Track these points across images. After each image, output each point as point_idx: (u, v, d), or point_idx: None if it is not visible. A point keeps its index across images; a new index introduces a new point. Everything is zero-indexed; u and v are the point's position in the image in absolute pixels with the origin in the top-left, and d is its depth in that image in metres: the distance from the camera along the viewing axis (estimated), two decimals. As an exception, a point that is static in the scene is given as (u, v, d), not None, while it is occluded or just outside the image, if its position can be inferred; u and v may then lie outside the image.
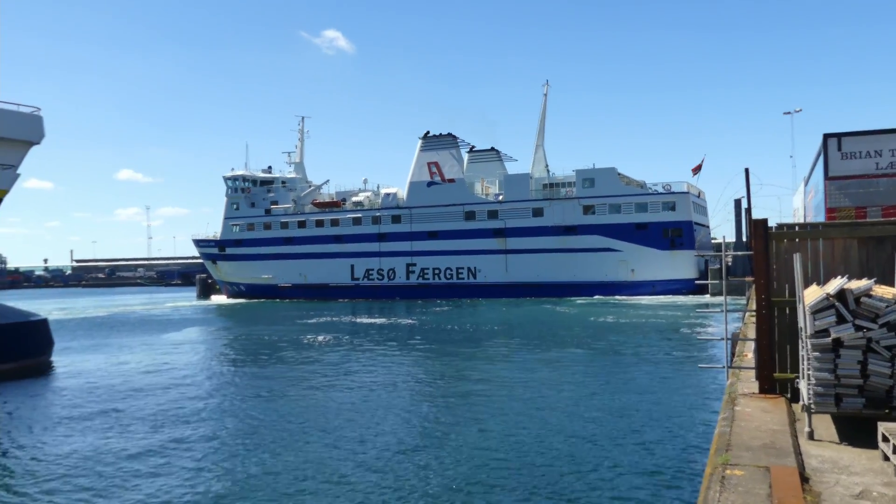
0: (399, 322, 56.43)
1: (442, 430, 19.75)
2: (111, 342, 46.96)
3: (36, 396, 27.80)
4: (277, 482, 15.34)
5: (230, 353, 40.85)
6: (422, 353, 36.96)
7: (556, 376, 28.23)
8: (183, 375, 31.25)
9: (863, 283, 8.86)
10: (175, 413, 23.11)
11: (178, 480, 15.70)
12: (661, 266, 76.69)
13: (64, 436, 20.45)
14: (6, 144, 34.56)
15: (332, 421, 21.12)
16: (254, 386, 28.27)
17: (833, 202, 25.16)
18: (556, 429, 19.14)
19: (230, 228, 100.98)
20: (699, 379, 26.07)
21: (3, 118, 34.35)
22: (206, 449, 18.38)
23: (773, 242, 11.33)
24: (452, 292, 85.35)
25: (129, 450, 18.48)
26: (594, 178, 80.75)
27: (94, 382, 30.04)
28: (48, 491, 15.33)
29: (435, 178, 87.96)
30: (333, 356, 36.28)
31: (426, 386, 27.50)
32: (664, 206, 77.76)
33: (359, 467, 16.19)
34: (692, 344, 37.36)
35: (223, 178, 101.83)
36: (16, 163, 35.29)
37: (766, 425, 8.89)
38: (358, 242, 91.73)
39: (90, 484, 15.67)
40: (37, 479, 16.18)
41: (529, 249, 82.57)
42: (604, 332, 44.41)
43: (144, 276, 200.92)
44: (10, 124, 34.51)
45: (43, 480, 16.09)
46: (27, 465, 17.42)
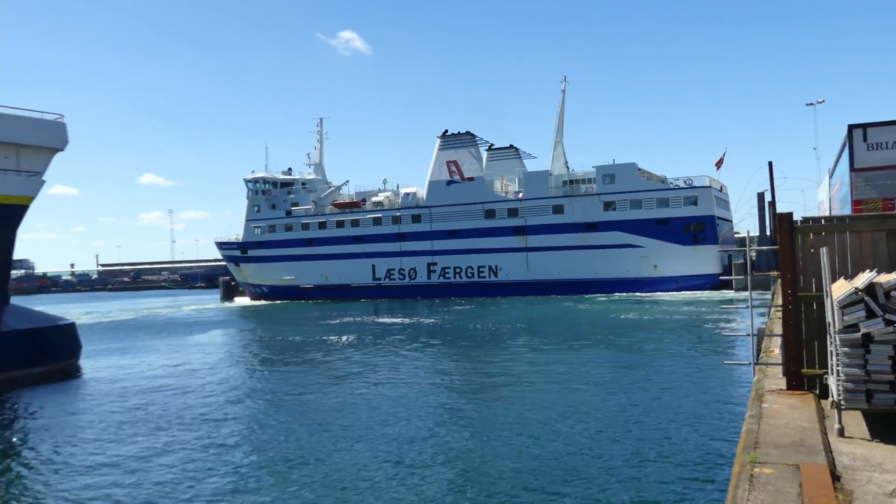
0: (422, 322, 56.48)
1: (469, 429, 19.74)
2: (138, 345, 47.44)
3: (65, 399, 28.15)
4: (310, 482, 15.41)
5: (256, 354, 41.12)
6: (446, 353, 36.96)
7: (581, 374, 28.12)
8: (210, 377, 31.50)
9: (892, 276, 8.71)
10: (204, 415, 23.29)
11: (208, 481, 15.82)
12: (683, 261, 76.03)
13: (94, 438, 20.68)
14: (31, 152, 35.05)
15: (360, 421, 21.18)
16: (281, 388, 28.43)
17: (860, 194, 24.79)
18: (581, 427, 19.06)
19: (252, 230, 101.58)
20: (725, 375, 25.84)
21: (28, 126, 34.84)
22: (236, 450, 18.50)
23: (798, 236, 11.18)
24: (473, 291, 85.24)
25: (159, 452, 18.65)
26: (614, 174, 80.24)
27: (121, 385, 30.36)
28: (78, 493, 15.51)
29: (454, 177, 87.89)
30: (358, 357, 36.39)
31: (452, 385, 27.49)
32: (686, 200, 77.10)
33: (388, 466, 16.22)
34: (717, 340, 37.04)
35: (244, 180, 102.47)
36: (41, 170, 35.76)
37: (794, 422, 8.77)
38: (378, 242, 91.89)
39: (120, 486, 15.83)
40: (67, 482, 16.38)
41: (550, 247, 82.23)
42: (627, 329, 44.16)
43: (168, 279, 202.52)
44: (34, 132, 35.01)
45: (73, 483, 16.28)
46: (58, 469, 17.64)
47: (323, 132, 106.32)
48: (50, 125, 35.65)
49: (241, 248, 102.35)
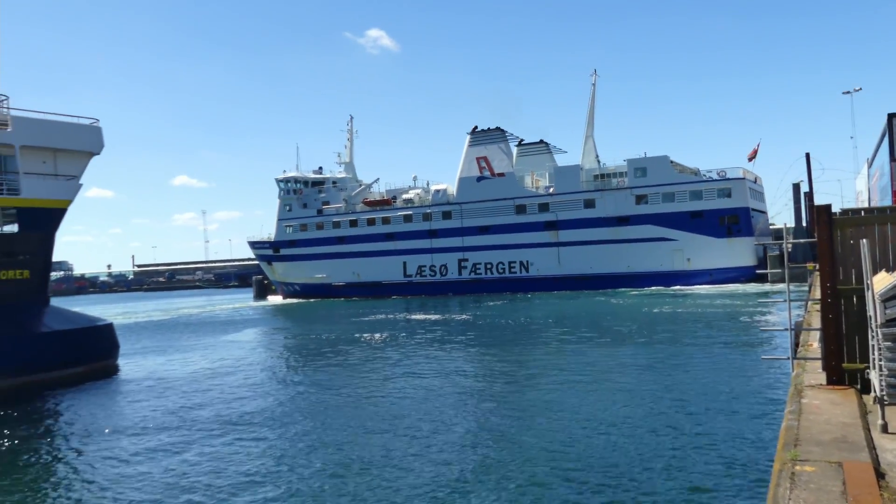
0: (453, 318, 56.52)
1: (505, 425, 19.72)
2: (174, 344, 48.11)
3: (104, 399, 28.65)
4: (353, 479, 15.52)
5: (291, 352, 41.48)
6: (479, 349, 36.95)
7: (615, 369, 27.94)
8: (246, 376, 31.83)
9: (935, 269, 8.53)
10: (241, 414, 23.54)
11: (247, 481, 16.00)
12: (717, 254, 75.18)
13: (132, 437, 21.02)
14: (68, 156, 35.70)
15: (399, 419, 21.26)
16: (318, 384, 28.65)
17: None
18: (617, 422, 18.94)
19: (284, 230, 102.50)
20: (762, 370, 25.50)
21: (65, 131, 35.49)
22: (274, 449, 18.68)
23: (837, 229, 10.98)
24: (505, 286, 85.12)
25: (200, 451, 18.91)
26: (646, 167, 79.56)
27: (159, 384, 30.81)
28: (116, 492, 15.78)
29: (484, 173, 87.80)
30: (392, 353, 36.54)
31: (486, 382, 27.48)
32: (719, 192, 76.19)
33: (429, 462, 16.27)
34: (753, 334, 36.56)
35: (276, 180, 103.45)
36: (78, 173, 36.40)
37: (835, 418, 8.62)
38: (409, 239, 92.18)
39: (157, 484, 16.08)
40: (107, 483, 16.67)
41: (582, 241, 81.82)
42: (661, 323, 43.78)
43: (202, 279, 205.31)
44: (71, 137, 35.66)
45: (114, 484, 16.57)
46: (96, 467, 17.95)
47: (353, 131, 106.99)
48: (86, 129, 36.26)
49: (273, 248, 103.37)
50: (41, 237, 35.24)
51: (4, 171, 33.68)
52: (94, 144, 36.61)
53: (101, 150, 36.94)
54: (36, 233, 34.69)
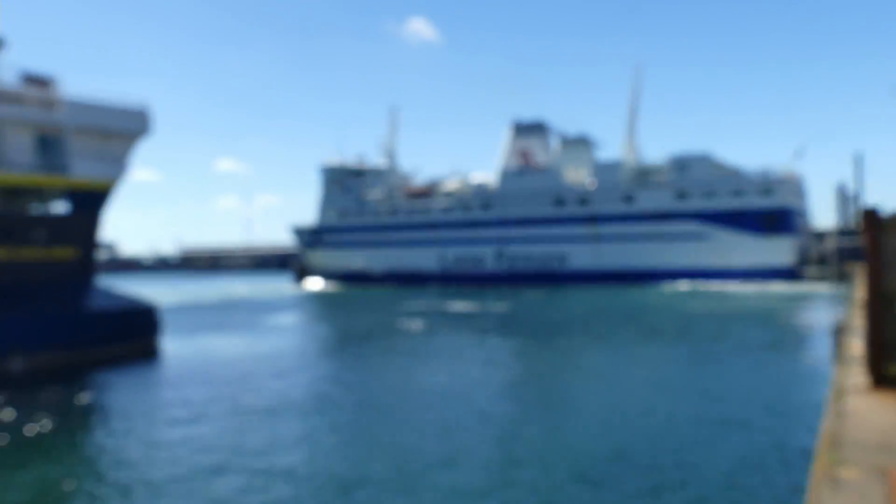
0: (490, 310, 56.56)
1: (530, 421, 19.78)
2: (215, 326, 48.87)
3: (145, 380, 29.33)
4: (393, 463, 15.72)
5: (328, 339, 41.96)
6: (513, 342, 36.99)
7: (652, 365, 27.78)
8: (287, 362, 32.27)
9: None
10: (282, 397, 23.90)
11: (283, 468, 16.28)
12: (756, 253, 74.09)
13: (171, 419, 21.49)
14: (117, 139, 36.46)
15: (438, 408, 21.44)
16: (353, 373, 29.00)
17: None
18: (656, 421, 18.87)
19: (325, 217, 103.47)
20: (802, 371, 25.15)
21: (114, 114, 36.22)
22: (313, 436, 18.96)
23: (884, 231, 10.81)
24: (541, 279, 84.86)
25: (236, 433, 19.28)
26: (687, 164, 78.63)
27: (200, 367, 31.42)
28: (154, 472, 16.16)
29: (525, 166, 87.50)
30: (427, 344, 36.74)
31: (517, 377, 27.55)
32: (761, 191, 74.98)
33: (466, 452, 16.40)
34: (793, 333, 36.02)
35: (320, 168, 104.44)
36: (126, 156, 37.15)
37: (878, 423, 8.51)
38: (448, 230, 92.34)
39: (195, 465, 16.43)
40: (143, 462, 17.08)
41: (620, 236, 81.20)
42: (698, 320, 43.34)
43: (244, 263, 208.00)
44: (119, 120, 36.39)
45: (149, 463, 16.98)
46: (136, 447, 18.41)
47: (396, 121, 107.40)
48: (135, 113, 36.98)
49: (314, 234, 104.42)
50: (89, 217, 36.06)
51: (56, 152, 34.52)
52: (143, 127, 37.32)
53: (149, 133, 37.63)
54: (84, 213, 35.52)
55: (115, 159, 36.61)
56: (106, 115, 35.96)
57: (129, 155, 37.50)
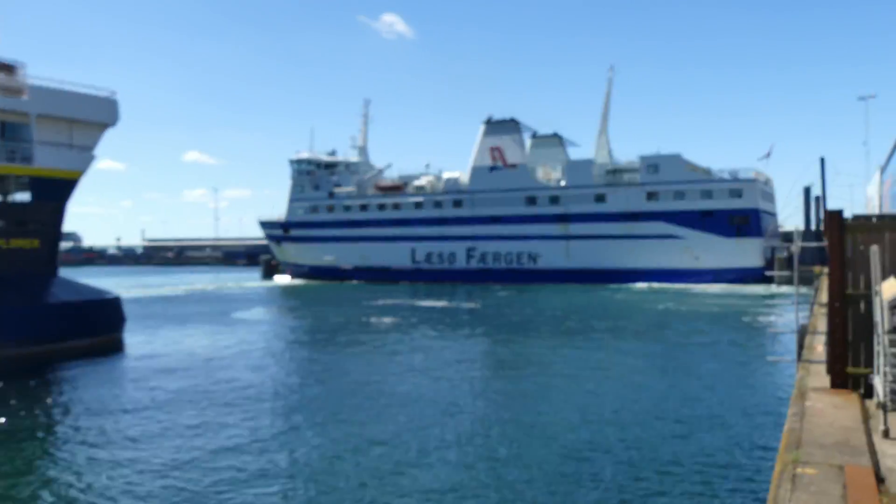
0: (460, 306, 56.62)
1: (502, 417, 19.81)
2: (180, 320, 48.35)
3: (107, 374, 28.88)
4: (343, 466, 15.64)
5: (296, 333, 41.66)
6: (484, 339, 37.03)
7: (618, 366, 27.98)
8: (252, 356, 32.01)
9: (946, 278, 8.52)
10: (245, 393, 23.71)
11: (240, 459, 16.15)
12: (725, 254, 75.09)
13: (132, 413, 21.20)
14: (83, 127, 35.82)
15: (399, 402, 21.39)
16: (322, 367, 28.83)
17: (913, 192, 24.17)
18: (618, 420, 19.00)
19: (295, 210, 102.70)
20: (766, 371, 25.51)
21: (81, 102, 35.58)
22: (277, 433, 18.81)
23: (848, 234, 10.98)
24: (512, 277, 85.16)
25: (198, 429, 19.07)
26: (658, 165, 79.41)
27: (163, 360, 31.03)
28: (116, 469, 15.94)
29: (497, 163, 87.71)
30: (397, 339, 36.66)
31: (488, 373, 27.58)
32: (730, 193, 76.02)
33: (425, 454, 16.38)
34: (759, 334, 36.53)
35: (289, 161, 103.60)
36: (92, 145, 36.54)
37: (838, 422, 8.65)
38: (419, 226, 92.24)
39: (156, 461, 16.24)
40: (105, 458, 16.84)
41: (591, 235, 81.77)
42: (668, 320, 43.77)
43: (211, 256, 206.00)
44: (87, 108, 35.75)
45: (111, 458, 16.74)
46: (95, 443, 18.13)
47: (368, 115, 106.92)
48: (103, 102, 36.34)
49: (283, 228, 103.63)
50: (53, 207, 35.42)
51: (19, 139, 33.84)
52: (110, 116, 36.71)
53: (117, 122, 37.04)
54: (48, 203, 34.88)
55: (82, 148, 35.98)
56: (73, 103, 35.30)
57: (95, 144, 36.89)
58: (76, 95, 35.50)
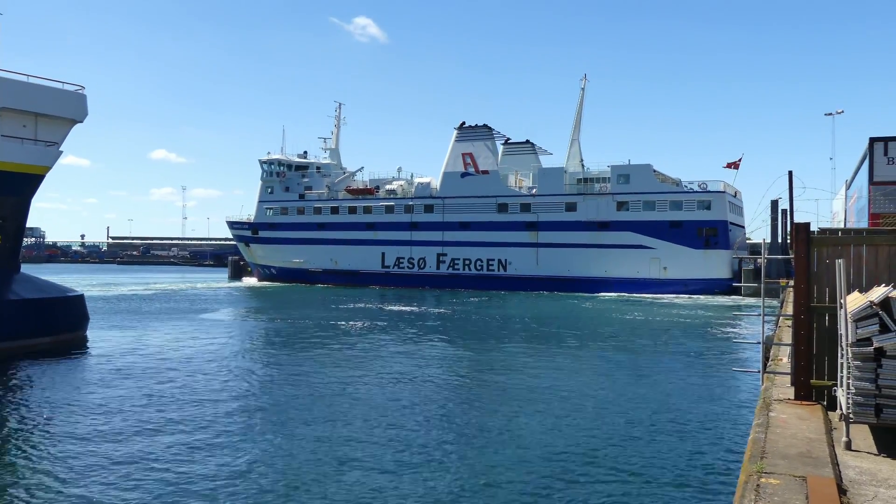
0: (429, 311, 56.54)
1: (463, 425, 19.77)
2: (145, 320, 47.69)
3: (70, 373, 28.35)
4: (297, 470, 15.48)
5: (262, 336, 41.25)
6: (450, 345, 36.98)
7: (585, 376, 28.09)
8: (216, 358, 31.63)
9: (908, 292, 8.65)
10: (206, 394, 23.41)
11: (202, 464, 15.92)
12: (694, 265, 75.91)
13: (93, 413, 20.82)
14: (50, 122, 35.15)
15: (359, 407, 21.25)
16: (283, 370, 28.55)
17: (877, 207, 24.66)
18: (582, 430, 19.04)
19: (264, 212, 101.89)
20: (732, 382, 25.76)
21: (48, 96, 34.91)
22: (229, 433, 18.59)
23: (814, 247, 11.13)
24: (482, 283, 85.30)
25: (159, 430, 18.77)
26: (629, 175, 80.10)
27: (127, 360, 30.55)
28: (73, 471, 15.63)
29: (469, 169, 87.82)
30: (362, 344, 36.48)
31: (452, 379, 27.51)
32: (699, 204, 76.90)
33: (376, 461, 16.27)
34: (725, 346, 36.94)
35: (259, 161, 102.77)
36: (59, 140, 35.88)
37: (802, 433, 8.74)
38: (390, 230, 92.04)
39: (117, 464, 15.95)
40: (62, 458, 16.51)
41: (561, 244, 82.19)
42: (635, 330, 44.09)
43: (178, 256, 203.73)
44: (54, 102, 35.08)
45: (68, 459, 16.41)
46: (54, 443, 17.77)
47: (340, 117, 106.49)
48: (70, 96, 35.70)
49: (252, 229, 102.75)
50: (16, 203, 34.73)
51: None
52: (78, 112, 36.06)
53: (85, 117, 36.42)
54: (11, 198, 34.17)
55: (48, 143, 35.32)
56: (39, 97, 34.60)
57: (63, 139, 36.23)
58: (43, 89, 34.83)
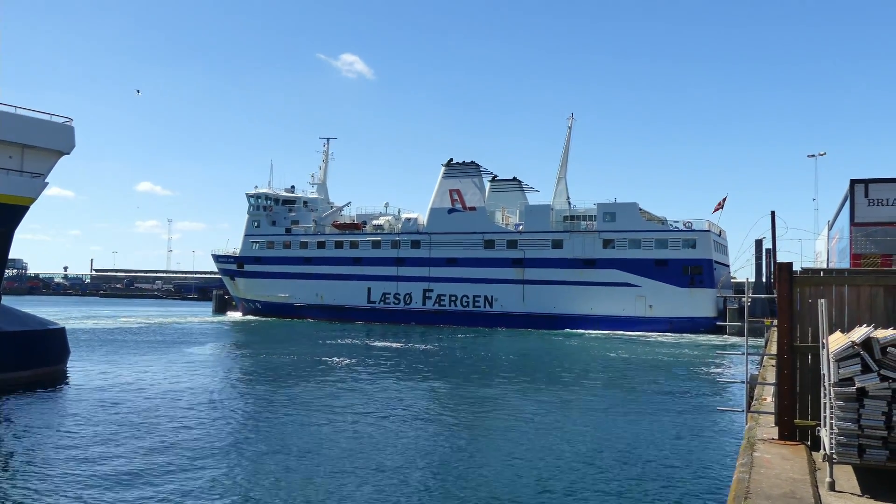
0: (414, 347, 56.27)
1: (446, 465, 19.58)
2: (127, 354, 47.16)
3: (49, 407, 27.92)
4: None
5: (245, 371, 40.85)
6: (434, 383, 36.76)
7: (569, 413, 27.96)
8: (199, 396, 31.20)
9: (889, 332, 8.71)
10: (188, 432, 23.09)
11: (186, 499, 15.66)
12: (679, 303, 76.16)
13: (73, 448, 20.47)
14: (36, 153, 35.08)
15: (339, 446, 21.02)
16: (266, 408, 28.23)
17: (859, 248, 24.91)
18: (563, 470, 18.89)
19: (250, 245, 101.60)
20: (716, 420, 25.71)
21: (35, 127, 34.90)
22: (209, 473, 18.31)
23: (797, 287, 11.20)
24: (468, 320, 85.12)
25: (139, 467, 18.47)
26: (615, 213, 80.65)
27: (107, 394, 30.12)
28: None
29: (456, 206, 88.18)
30: (347, 381, 36.19)
31: (435, 418, 27.30)
32: (685, 243, 77.42)
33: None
34: (710, 384, 36.91)
35: (246, 195, 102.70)
36: (45, 171, 35.78)
37: (785, 473, 8.71)
38: (376, 266, 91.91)
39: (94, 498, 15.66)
40: (41, 491, 16.20)
41: (547, 281, 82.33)
42: (620, 368, 44.02)
43: (162, 289, 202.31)
44: (41, 134, 35.05)
45: (47, 492, 16.10)
46: (32, 477, 17.44)
47: (329, 153, 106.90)
48: (58, 128, 35.68)
49: (237, 262, 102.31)
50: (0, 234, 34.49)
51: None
52: (65, 144, 36.01)
53: (72, 149, 36.36)
54: (-6, 229, 33.94)
55: (34, 175, 35.20)
56: (26, 128, 34.57)
57: (49, 171, 36.12)
58: (31, 120, 34.83)
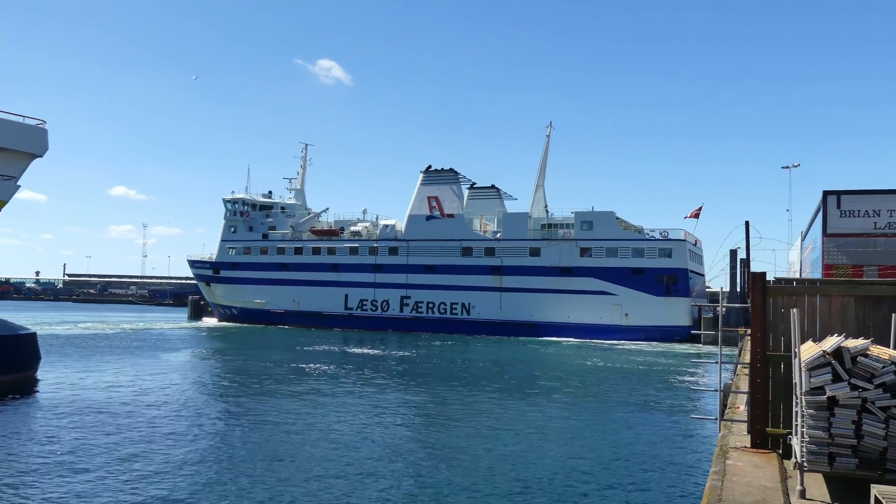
0: (391, 354, 56.12)
1: (417, 470, 19.52)
2: (99, 360, 46.58)
3: (18, 414, 27.47)
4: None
5: (218, 378, 40.51)
6: (410, 390, 36.69)
7: (543, 421, 27.99)
8: (173, 402, 30.89)
9: (860, 342, 8.82)
10: (160, 444, 22.83)
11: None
12: (655, 312, 76.67)
13: (42, 456, 20.17)
14: (10, 156, 34.58)
15: (313, 452, 20.89)
16: (240, 414, 28.00)
17: (831, 259, 25.25)
18: (537, 477, 18.90)
19: (226, 251, 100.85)
20: (690, 429, 25.87)
21: (9, 129, 34.40)
22: (182, 480, 18.12)
23: (770, 296, 11.32)
24: (446, 327, 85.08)
25: (109, 474, 18.23)
26: (592, 221, 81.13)
27: (78, 401, 29.71)
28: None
29: (434, 213, 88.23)
30: (322, 387, 36.02)
31: (410, 425, 27.24)
32: (661, 252, 78.01)
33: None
34: (684, 393, 37.17)
35: (223, 200, 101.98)
36: (17, 174, 35.28)
37: (757, 481, 8.78)
38: (353, 272, 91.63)
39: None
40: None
41: (525, 288, 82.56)
42: (595, 376, 44.19)
43: (136, 294, 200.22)
44: (15, 136, 34.55)
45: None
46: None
47: (306, 158, 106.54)
48: (31, 130, 35.19)
49: (213, 268, 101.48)
50: (-30, 237, 33.92)
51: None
52: (38, 146, 35.52)
53: (45, 152, 35.89)
54: (-35, 232, 33.39)
55: (5, 177, 34.70)
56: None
57: (21, 174, 35.62)
58: (2, 122, 34.32)
